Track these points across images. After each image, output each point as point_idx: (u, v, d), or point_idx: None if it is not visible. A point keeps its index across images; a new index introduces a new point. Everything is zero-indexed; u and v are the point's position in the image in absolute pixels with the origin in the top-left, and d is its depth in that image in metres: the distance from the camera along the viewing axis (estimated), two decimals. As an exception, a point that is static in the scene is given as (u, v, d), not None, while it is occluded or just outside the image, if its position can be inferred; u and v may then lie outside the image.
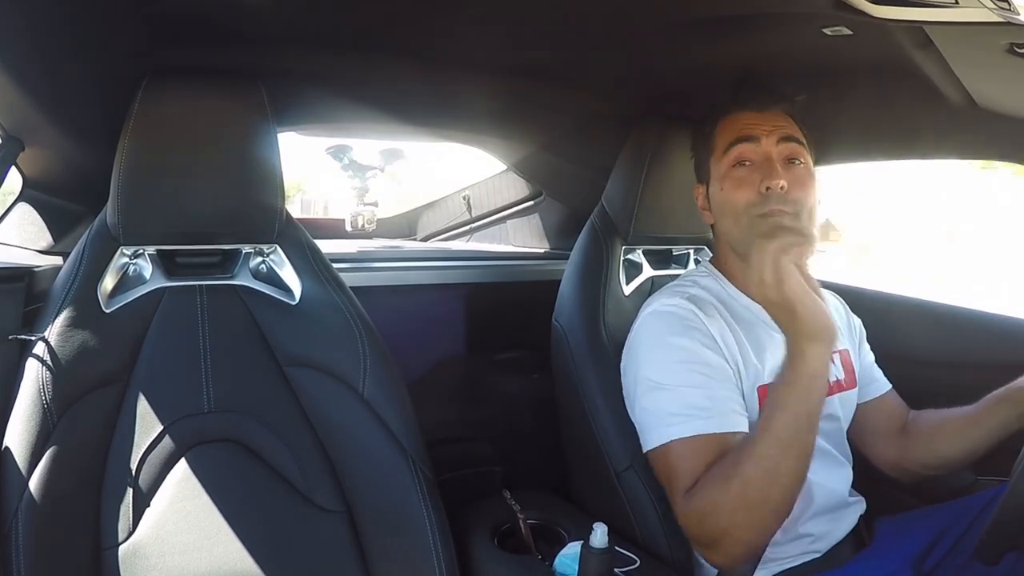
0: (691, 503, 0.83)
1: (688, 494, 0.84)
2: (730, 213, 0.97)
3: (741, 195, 0.94)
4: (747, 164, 0.95)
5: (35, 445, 0.79)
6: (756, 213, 0.92)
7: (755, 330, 0.98)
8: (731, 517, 0.79)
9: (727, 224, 0.99)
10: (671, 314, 0.96)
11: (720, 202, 0.99)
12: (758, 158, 0.94)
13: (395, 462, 0.91)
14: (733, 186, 0.95)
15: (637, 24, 0.93)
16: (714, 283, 1.03)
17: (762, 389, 0.94)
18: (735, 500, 0.78)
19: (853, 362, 1.08)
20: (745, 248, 0.96)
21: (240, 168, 0.91)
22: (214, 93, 0.90)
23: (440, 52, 1.09)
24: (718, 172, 0.99)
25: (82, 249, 0.88)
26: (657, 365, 0.93)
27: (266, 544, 0.86)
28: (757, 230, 0.89)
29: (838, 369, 1.05)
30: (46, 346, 0.82)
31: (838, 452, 1.03)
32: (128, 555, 0.82)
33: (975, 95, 1.00)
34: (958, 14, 0.70)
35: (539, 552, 0.96)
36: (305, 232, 0.99)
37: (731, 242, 1.01)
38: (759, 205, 0.92)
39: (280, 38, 1.00)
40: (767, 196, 0.91)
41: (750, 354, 0.95)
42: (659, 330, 0.95)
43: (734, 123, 0.98)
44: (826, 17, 0.82)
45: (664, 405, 0.90)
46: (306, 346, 0.94)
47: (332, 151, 1.70)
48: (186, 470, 0.87)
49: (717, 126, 1.01)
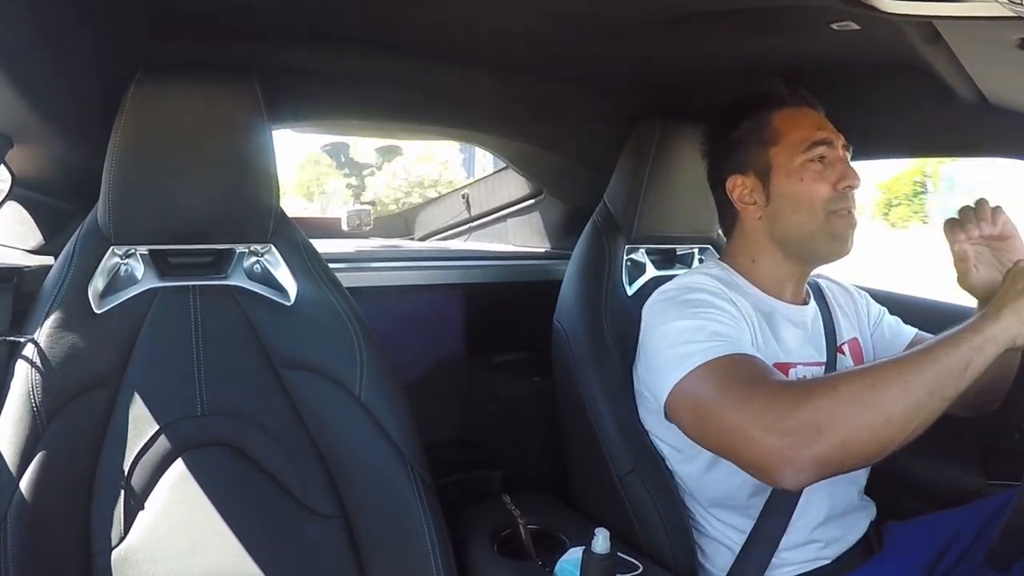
0: (791, 398, 0.76)
1: (781, 388, 0.79)
2: (806, 206, 0.97)
3: (822, 189, 0.96)
4: (823, 160, 0.97)
5: (24, 449, 0.79)
6: (831, 209, 0.96)
7: (770, 318, 0.99)
8: (839, 422, 0.72)
9: (800, 217, 0.98)
10: (688, 285, 0.96)
11: (794, 196, 0.98)
12: (832, 158, 0.98)
13: (392, 466, 0.91)
14: (814, 180, 0.97)
15: (637, 17, 0.93)
16: (725, 275, 1.02)
17: (779, 366, 0.94)
18: (843, 408, 0.73)
19: (862, 346, 1.10)
20: (810, 242, 0.99)
21: (234, 165, 0.91)
22: (207, 88, 0.90)
23: (438, 47, 1.09)
24: (790, 164, 0.98)
25: (72, 249, 0.88)
26: (674, 317, 0.92)
27: (261, 549, 0.86)
28: (832, 226, 0.96)
29: (847, 359, 1.06)
30: (35, 347, 0.82)
31: None
32: (120, 560, 0.82)
33: (986, 91, 1.00)
34: (969, 8, 0.70)
35: (540, 558, 0.96)
36: (300, 231, 0.99)
37: (793, 238, 1.00)
38: (836, 201, 0.96)
39: (275, 32, 0.99)
40: (843, 194, 0.96)
41: (770, 336, 0.97)
42: (675, 299, 0.95)
43: (802, 119, 1.00)
44: (834, 12, 0.81)
45: (684, 344, 0.88)
46: (301, 348, 0.93)
47: (328, 149, 1.71)
48: (179, 474, 0.86)
49: (776, 117, 1.01)
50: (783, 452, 0.74)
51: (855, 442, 0.72)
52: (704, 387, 0.84)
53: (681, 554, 0.97)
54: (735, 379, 0.81)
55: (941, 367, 0.71)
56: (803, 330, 1.02)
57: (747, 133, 1.02)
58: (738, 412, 0.79)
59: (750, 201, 1.02)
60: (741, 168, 1.03)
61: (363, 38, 1.04)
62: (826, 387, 0.75)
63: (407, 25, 1.00)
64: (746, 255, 1.04)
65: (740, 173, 1.03)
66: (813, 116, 1.01)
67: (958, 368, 0.71)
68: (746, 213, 1.03)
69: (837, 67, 1.06)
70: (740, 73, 1.10)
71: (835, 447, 0.72)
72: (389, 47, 1.06)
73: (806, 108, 1.01)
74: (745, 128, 1.03)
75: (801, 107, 1.01)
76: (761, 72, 1.08)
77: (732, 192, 1.03)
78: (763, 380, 0.80)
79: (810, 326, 1.03)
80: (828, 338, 1.04)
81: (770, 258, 1.02)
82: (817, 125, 0.99)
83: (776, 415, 0.75)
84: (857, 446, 0.73)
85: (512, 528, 0.99)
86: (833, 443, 0.72)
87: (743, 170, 1.02)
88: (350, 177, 1.73)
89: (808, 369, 0.99)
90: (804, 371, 0.98)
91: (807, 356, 1.00)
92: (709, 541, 0.98)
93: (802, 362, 0.99)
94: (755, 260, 1.03)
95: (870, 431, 0.72)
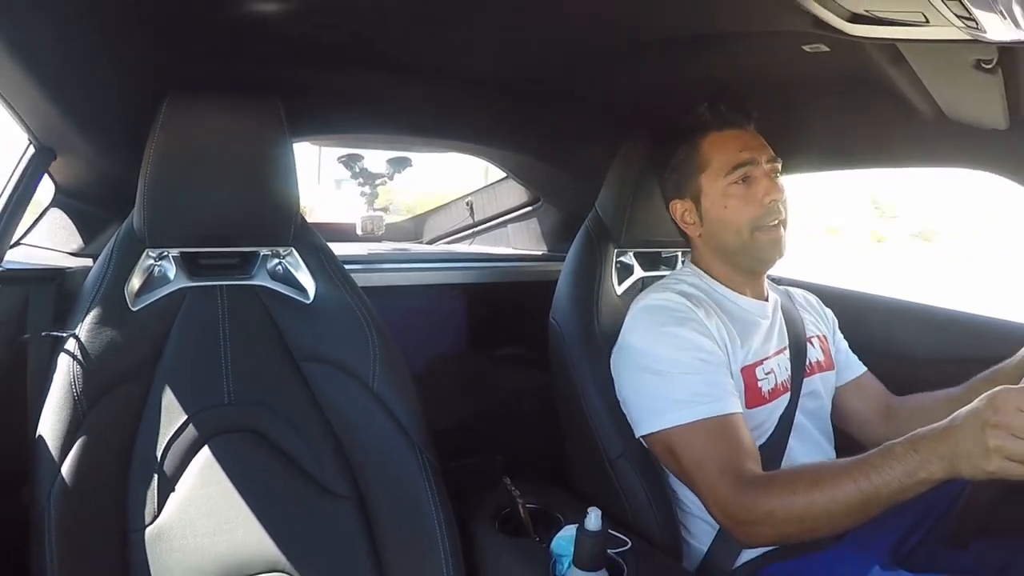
0: (752, 494, 0.81)
1: (747, 483, 0.82)
2: (733, 228, 0.99)
3: (747, 211, 0.97)
4: (747, 180, 0.97)
5: (66, 435, 0.79)
6: (756, 226, 0.97)
7: (739, 320, 1.00)
8: (789, 516, 0.78)
9: (728, 238, 1.00)
10: (664, 307, 0.97)
11: (721, 218, 1.00)
12: (756, 175, 0.97)
13: (402, 451, 0.91)
14: (739, 204, 0.97)
15: (625, 44, 0.93)
16: (700, 281, 1.04)
17: (745, 369, 0.96)
18: (803, 508, 0.77)
19: (829, 346, 1.11)
20: (743, 257, 1.00)
21: (258, 177, 0.91)
22: (233, 108, 0.90)
23: (445, 69, 1.09)
24: (715, 189, 0.99)
25: (110, 251, 0.88)
26: (654, 354, 0.93)
27: (282, 527, 0.86)
28: (757, 242, 0.97)
29: (817, 351, 1.07)
30: (76, 342, 0.83)
31: (821, 433, 1.05)
32: (153, 537, 0.82)
33: (944, 107, 1.00)
34: (929, 32, 0.70)
35: (537, 535, 0.96)
36: (319, 235, 0.99)
37: (729, 253, 1.02)
38: (761, 218, 0.96)
39: (295, 56, 1.00)
40: (769, 208, 0.96)
41: (737, 340, 0.97)
42: (654, 321, 0.96)
43: (726, 143, 0.99)
44: (806, 35, 0.82)
45: (664, 391, 0.91)
46: (320, 343, 0.94)
47: (344, 160, 1.70)
48: (208, 458, 0.87)
49: (703, 143, 1.01)
50: (736, 531, 0.84)
51: (796, 534, 0.80)
52: (678, 448, 0.89)
53: (667, 531, 0.97)
54: (708, 458, 0.86)
55: (886, 486, 0.71)
56: (766, 322, 1.03)
57: (682, 161, 1.04)
58: (705, 487, 0.86)
59: (690, 222, 1.04)
60: (680, 193, 1.05)
61: (378, 62, 1.04)
62: (783, 492, 0.79)
63: (419, 50, 1.00)
64: (704, 263, 1.06)
65: (679, 198, 1.05)
66: (738, 138, 1.00)
67: (900, 488, 0.71)
68: (688, 232, 1.06)
69: (809, 86, 1.06)
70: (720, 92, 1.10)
71: (777, 537, 0.83)
72: (401, 70, 1.06)
73: (732, 130, 1.00)
74: (680, 155, 1.04)
75: (727, 130, 1.00)
76: (739, 91, 1.08)
77: (675, 215, 1.06)
78: (731, 468, 0.84)
79: (771, 318, 1.04)
80: (792, 327, 1.05)
81: (720, 267, 1.04)
82: (741, 146, 0.99)
83: (736, 506, 0.82)
84: (795, 537, 0.82)
85: (512, 508, 0.99)
86: (776, 534, 0.82)
87: (681, 195, 1.05)
88: (364, 186, 1.73)
89: (776, 359, 1.00)
90: (772, 362, 0.99)
91: (772, 348, 1.01)
92: (692, 519, 0.98)
93: (767, 356, 0.99)
94: (710, 268, 1.05)
95: (811, 530, 0.79)
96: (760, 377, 0.97)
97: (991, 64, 0.79)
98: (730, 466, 0.84)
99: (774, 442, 0.96)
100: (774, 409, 0.97)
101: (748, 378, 0.96)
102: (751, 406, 0.95)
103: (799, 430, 1.00)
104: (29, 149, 0.98)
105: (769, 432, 0.97)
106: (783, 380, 1.00)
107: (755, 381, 0.96)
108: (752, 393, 0.96)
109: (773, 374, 0.99)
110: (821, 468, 0.81)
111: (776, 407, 0.98)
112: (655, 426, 0.92)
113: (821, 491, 0.76)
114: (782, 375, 1.00)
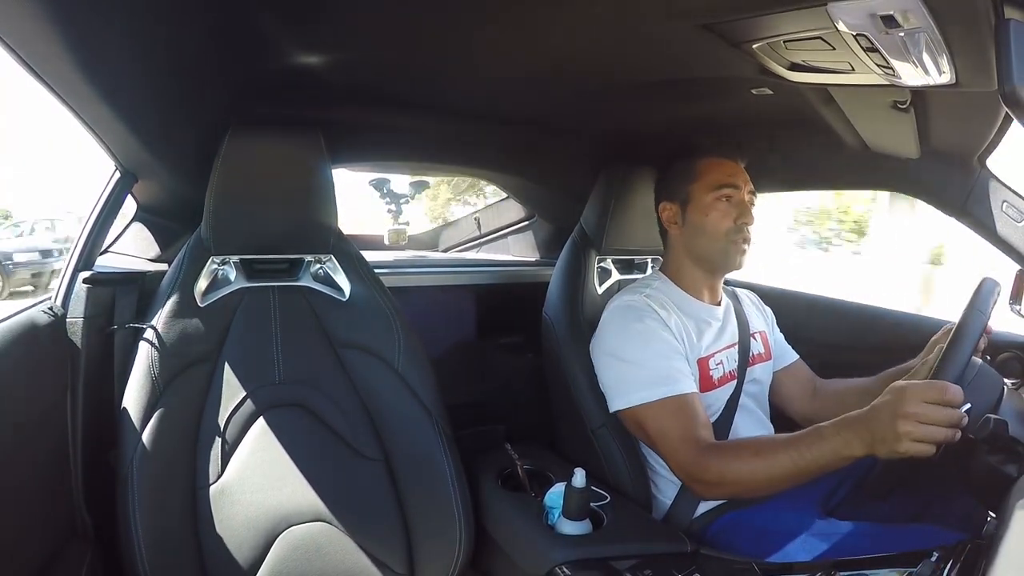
0: (707, 458, 0.83)
1: (702, 449, 0.84)
2: (711, 234, 0.98)
3: (724, 223, 0.97)
4: (728, 200, 0.97)
5: (146, 409, 0.80)
6: (730, 238, 0.97)
7: (696, 319, 1.00)
8: (737, 479, 0.81)
9: (703, 240, 1.00)
10: (633, 307, 0.97)
11: (701, 224, 0.99)
12: (737, 199, 0.98)
13: (422, 421, 0.91)
14: (718, 216, 0.98)
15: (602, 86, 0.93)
16: (664, 285, 1.04)
17: (701, 361, 0.96)
18: (748, 472, 0.79)
19: (768, 340, 1.10)
20: (712, 259, 1.00)
21: (303, 196, 0.91)
22: (283, 140, 0.90)
23: (456, 109, 1.09)
24: (702, 200, 0.99)
25: (182, 258, 0.89)
26: (624, 344, 0.94)
27: (324, 484, 0.86)
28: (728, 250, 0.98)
29: (759, 344, 1.07)
30: (154, 332, 0.83)
31: (761, 412, 1.04)
32: (217, 493, 0.83)
33: (867, 140, 1.00)
34: (854, 78, 0.71)
35: (533, 491, 0.96)
36: (353, 245, 0.99)
37: (699, 253, 1.01)
38: (733, 233, 0.97)
39: (336, 98, 0.99)
40: (740, 227, 0.97)
41: (692, 336, 0.97)
42: (625, 318, 0.96)
43: (719, 167, 1.00)
44: (753, 81, 0.82)
45: (631, 375, 0.92)
46: (354, 332, 0.94)
47: (374, 183, 1.70)
48: (262, 427, 0.87)
49: (700, 162, 1.01)
50: (694, 487, 0.87)
51: (742, 492, 0.83)
52: (646, 421, 0.91)
53: (639, 488, 0.97)
54: (670, 429, 0.87)
55: (816, 461, 0.74)
56: (718, 323, 1.02)
57: (678, 171, 1.03)
58: (668, 452, 0.88)
59: (673, 222, 1.04)
60: (669, 197, 1.04)
61: (403, 103, 1.04)
62: (731, 457, 0.82)
63: (435, 93, 1.00)
64: (674, 265, 1.05)
65: (668, 201, 1.05)
66: (731, 166, 1.00)
67: (827, 463, 0.74)
68: (670, 231, 1.05)
69: (756, 123, 1.06)
70: (684, 128, 1.11)
71: (727, 494, 0.86)
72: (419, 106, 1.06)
73: (727, 160, 1.01)
74: (677, 167, 1.04)
75: (723, 159, 1.01)
76: (698, 127, 1.08)
77: (661, 215, 1.06)
78: (689, 437, 0.85)
79: (722, 319, 1.04)
80: (741, 327, 1.05)
81: (689, 268, 1.03)
82: (730, 173, 0.99)
83: (694, 467, 0.84)
84: (742, 494, 0.84)
85: (512, 468, 0.99)
86: (726, 492, 0.85)
87: (670, 199, 1.04)
88: (390, 205, 1.72)
89: (726, 352, 1.00)
90: (722, 355, 1.00)
91: (723, 343, 1.01)
92: (660, 478, 0.99)
93: (719, 349, 0.99)
94: (679, 269, 1.04)
95: (755, 490, 0.81)
96: (712, 367, 0.97)
97: (905, 104, 0.80)
98: (688, 435, 0.85)
99: (723, 420, 0.96)
100: (722, 393, 0.98)
101: (702, 368, 0.96)
102: (704, 390, 0.95)
103: (743, 410, 1.00)
104: (115, 174, 0.98)
105: (719, 412, 0.97)
106: (731, 369, 1.00)
107: (708, 371, 0.96)
108: (705, 380, 0.96)
109: (722, 365, 0.99)
110: (763, 441, 0.83)
111: (724, 392, 0.98)
112: (625, 403, 0.92)
113: (762, 460, 0.78)
114: (730, 365, 1.00)
